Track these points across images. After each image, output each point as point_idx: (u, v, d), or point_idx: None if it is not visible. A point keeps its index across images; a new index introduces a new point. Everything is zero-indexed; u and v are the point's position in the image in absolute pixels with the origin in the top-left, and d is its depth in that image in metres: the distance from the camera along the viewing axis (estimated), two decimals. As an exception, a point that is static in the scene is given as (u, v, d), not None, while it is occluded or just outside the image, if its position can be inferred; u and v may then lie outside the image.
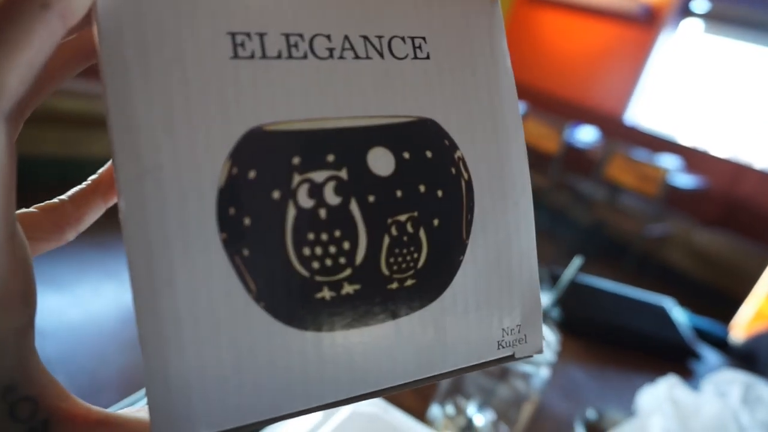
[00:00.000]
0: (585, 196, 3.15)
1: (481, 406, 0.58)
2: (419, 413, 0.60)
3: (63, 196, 0.19)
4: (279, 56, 0.15)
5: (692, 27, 3.36)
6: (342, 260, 0.16)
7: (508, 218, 0.18)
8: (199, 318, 0.14)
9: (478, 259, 0.18)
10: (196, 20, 0.14)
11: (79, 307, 1.58)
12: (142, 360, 0.14)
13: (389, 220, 0.16)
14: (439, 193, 0.17)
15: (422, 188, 0.17)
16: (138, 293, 0.13)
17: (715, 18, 3.27)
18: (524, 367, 0.54)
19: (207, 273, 0.14)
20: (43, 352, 0.15)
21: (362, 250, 0.16)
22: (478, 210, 0.18)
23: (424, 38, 0.17)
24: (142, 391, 0.16)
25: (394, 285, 0.16)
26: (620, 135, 3.43)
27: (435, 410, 0.60)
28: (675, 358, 0.92)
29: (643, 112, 3.52)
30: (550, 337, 0.57)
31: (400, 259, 0.16)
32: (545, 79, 3.91)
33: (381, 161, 0.16)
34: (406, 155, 0.17)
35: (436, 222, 0.17)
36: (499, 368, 0.56)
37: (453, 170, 0.17)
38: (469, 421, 0.58)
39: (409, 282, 0.17)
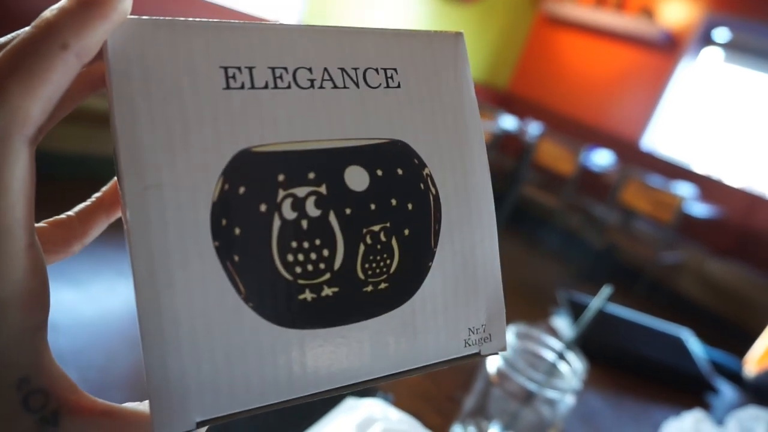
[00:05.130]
0: (598, 219, 3.14)
1: (504, 430, 0.58)
2: (441, 432, 0.60)
3: (70, 212, 0.21)
4: (266, 86, 0.17)
5: (712, 55, 3.36)
6: (322, 266, 0.17)
7: (473, 228, 0.20)
8: (195, 317, 0.15)
9: (446, 265, 0.20)
10: (192, 57, 0.16)
11: (93, 303, 1.59)
12: (142, 354, 0.15)
13: (364, 230, 0.18)
14: (410, 206, 0.19)
15: (394, 201, 0.18)
16: (141, 294, 0.15)
17: (736, 47, 3.27)
18: (550, 393, 0.54)
19: (202, 277, 0.15)
20: (55, 345, 0.16)
21: (340, 256, 0.17)
22: (445, 221, 0.20)
23: (395, 69, 0.19)
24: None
25: (369, 288, 0.18)
26: (636, 160, 3.42)
27: (457, 430, 0.60)
28: (691, 390, 0.92)
29: (659, 138, 3.51)
30: (577, 365, 0.57)
31: (374, 264, 0.18)
32: (563, 100, 3.92)
33: (356, 178, 0.18)
34: (379, 172, 0.18)
35: (406, 231, 0.19)
36: (524, 393, 0.56)
37: (422, 185, 0.19)
38: (491, 444, 0.58)
39: (383, 285, 0.18)
